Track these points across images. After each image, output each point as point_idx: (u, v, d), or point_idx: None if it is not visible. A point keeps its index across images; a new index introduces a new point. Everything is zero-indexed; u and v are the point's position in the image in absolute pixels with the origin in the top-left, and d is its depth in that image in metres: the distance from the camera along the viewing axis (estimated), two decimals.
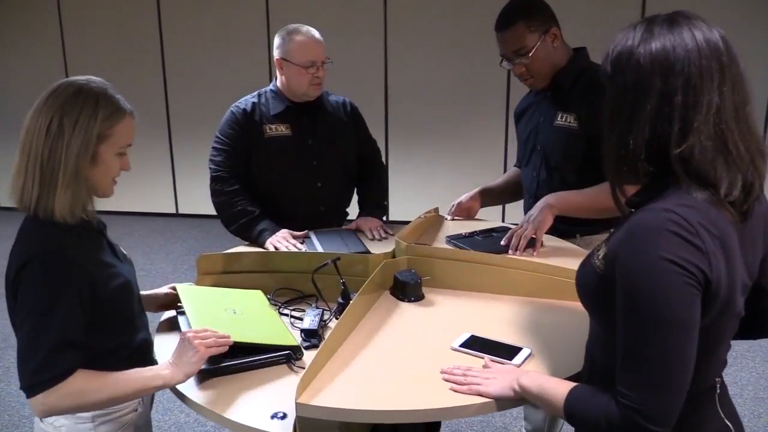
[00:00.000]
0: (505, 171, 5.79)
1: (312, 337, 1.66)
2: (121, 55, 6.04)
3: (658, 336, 1.05)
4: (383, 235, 2.43)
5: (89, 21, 6.07)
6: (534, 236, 2.11)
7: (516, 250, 2.11)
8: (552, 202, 2.14)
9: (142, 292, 1.71)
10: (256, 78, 5.28)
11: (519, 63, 2.21)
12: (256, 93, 2.55)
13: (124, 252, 1.64)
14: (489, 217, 2.69)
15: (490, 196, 2.64)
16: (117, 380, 1.41)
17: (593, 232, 2.28)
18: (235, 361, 1.52)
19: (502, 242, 2.15)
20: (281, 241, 2.30)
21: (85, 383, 1.38)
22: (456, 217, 2.57)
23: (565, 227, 2.28)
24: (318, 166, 2.52)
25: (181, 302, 1.76)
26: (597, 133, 2.13)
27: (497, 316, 1.77)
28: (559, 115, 2.25)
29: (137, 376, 1.44)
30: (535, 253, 2.10)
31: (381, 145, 2.77)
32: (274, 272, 1.97)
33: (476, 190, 2.62)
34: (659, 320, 1.05)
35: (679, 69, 1.08)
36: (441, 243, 2.27)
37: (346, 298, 1.78)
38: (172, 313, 1.83)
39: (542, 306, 1.83)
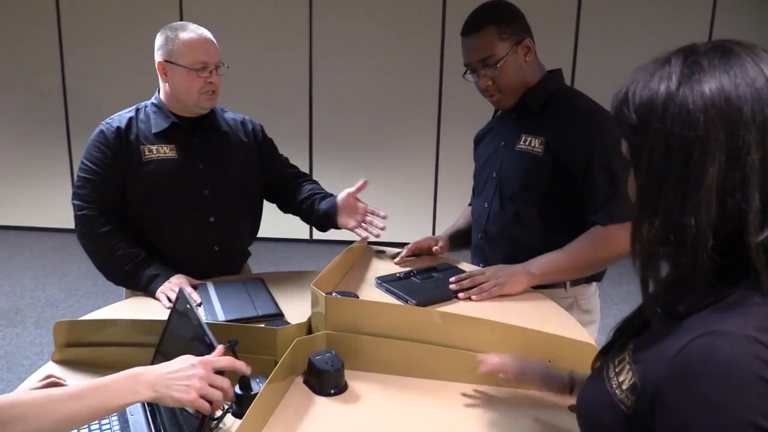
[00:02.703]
0: (435, 187, 5.55)
1: None
2: (15, 51, 5.45)
3: None
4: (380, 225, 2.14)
5: None
6: (488, 291, 1.78)
7: (465, 292, 1.79)
8: (534, 271, 1.81)
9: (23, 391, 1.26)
10: None
11: (485, 75, 1.88)
12: (133, 107, 2.09)
13: None
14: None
15: (456, 242, 2.24)
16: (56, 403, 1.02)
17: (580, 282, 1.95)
18: None
19: (453, 286, 1.79)
20: (174, 289, 1.84)
21: None
22: (405, 258, 2.14)
23: None
24: (210, 196, 2.07)
25: None
26: (567, 161, 1.78)
27: (448, 417, 1.35)
28: (523, 138, 1.92)
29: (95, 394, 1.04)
30: (474, 298, 1.77)
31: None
32: (152, 346, 1.47)
33: (443, 235, 2.24)
34: None
35: (750, 116, 0.74)
36: (370, 285, 1.87)
37: (246, 388, 1.34)
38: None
39: (508, 400, 1.40)
